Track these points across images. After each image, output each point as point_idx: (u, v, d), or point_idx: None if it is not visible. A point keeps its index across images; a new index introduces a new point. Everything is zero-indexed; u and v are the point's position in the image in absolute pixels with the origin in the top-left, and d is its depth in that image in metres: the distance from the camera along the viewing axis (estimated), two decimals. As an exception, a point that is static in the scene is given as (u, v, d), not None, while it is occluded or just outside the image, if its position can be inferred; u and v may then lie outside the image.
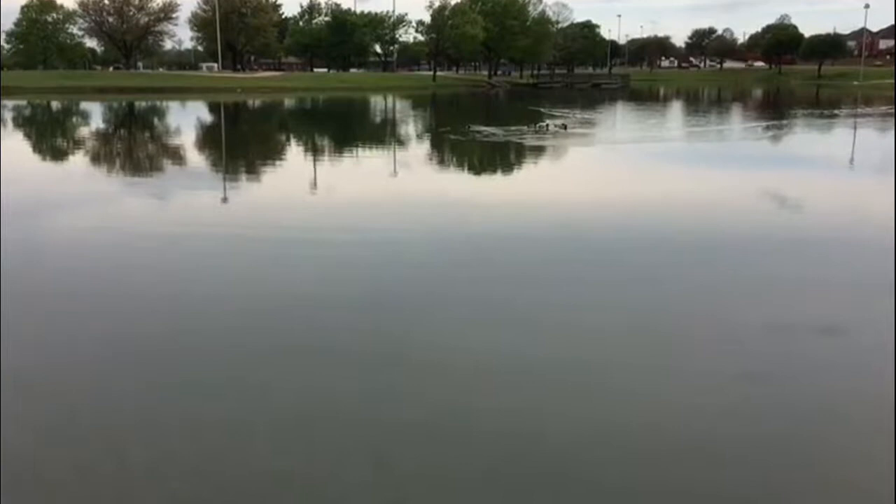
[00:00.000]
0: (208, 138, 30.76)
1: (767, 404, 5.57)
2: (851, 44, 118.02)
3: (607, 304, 7.79)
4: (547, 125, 29.75)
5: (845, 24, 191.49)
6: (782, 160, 22.59)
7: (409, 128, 37.56)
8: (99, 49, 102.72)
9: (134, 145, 28.38)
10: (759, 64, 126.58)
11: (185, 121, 41.00)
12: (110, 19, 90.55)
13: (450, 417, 5.34)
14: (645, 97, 68.70)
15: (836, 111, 45.61)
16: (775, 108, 50.86)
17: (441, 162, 22.33)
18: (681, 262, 9.59)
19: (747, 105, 55.68)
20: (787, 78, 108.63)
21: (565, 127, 29.32)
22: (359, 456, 4.76)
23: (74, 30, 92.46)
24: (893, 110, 40.71)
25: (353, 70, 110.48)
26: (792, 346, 6.70)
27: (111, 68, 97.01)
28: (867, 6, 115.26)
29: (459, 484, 4.50)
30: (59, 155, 25.20)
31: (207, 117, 45.53)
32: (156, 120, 43.75)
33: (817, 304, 7.82)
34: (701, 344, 6.74)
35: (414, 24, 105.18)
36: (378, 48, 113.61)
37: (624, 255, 9.98)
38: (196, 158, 23.55)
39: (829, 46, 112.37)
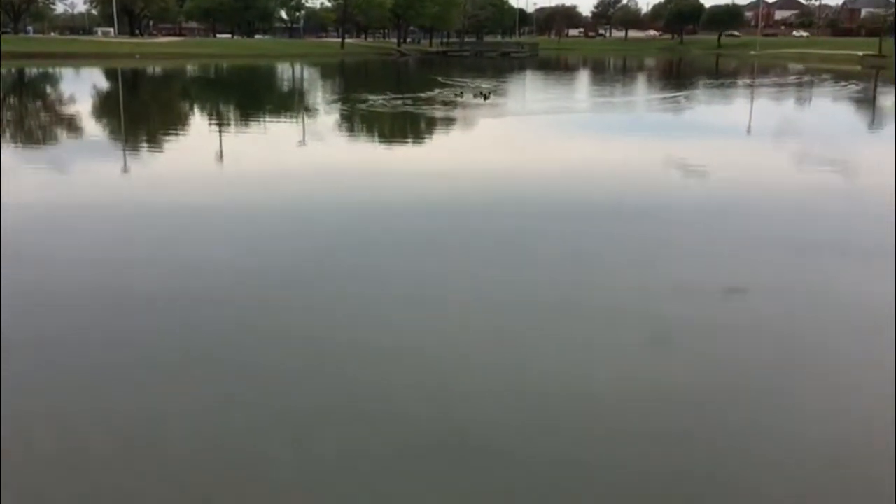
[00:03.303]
0: (105, 107, 29.40)
1: (672, 366, 5.72)
2: (749, 14, 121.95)
3: (516, 273, 7.84)
4: (462, 93, 29.66)
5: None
6: (686, 129, 23.26)
7: (318, 97, 36.85)
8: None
9: (24, 114, 26.86)
10: (652, 33, 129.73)
11: (80, 88, 39.05)
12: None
13: (368, 397, 5.27)
14: (553, 66, 69.43)
15: (734, 81, 47.18)
16: (678, 78, 52.24)
17: (351, 132, 22.00)
18: (589, 230, 9.75)
19: (651, 75, 56.97)
20: (689, 47, 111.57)
21: (486, 96, 29.13)
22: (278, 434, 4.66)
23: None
24: None
25: (258, 36, 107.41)
26: (699, 306, 6.91)
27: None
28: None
29: (377, 464, 4.45)
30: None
31: (104, 84, 43.50)
32: (48, 87, 41.52)
33: (722, 266, 8.07)
34: (612, 308, 6.87)
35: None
36: (284, 14, 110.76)
37: (530, 224, 10.05)
38: (93, 128, 22.46)
39: (728, 17, 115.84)
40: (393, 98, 28.84)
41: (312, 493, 4.19)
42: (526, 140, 19.55)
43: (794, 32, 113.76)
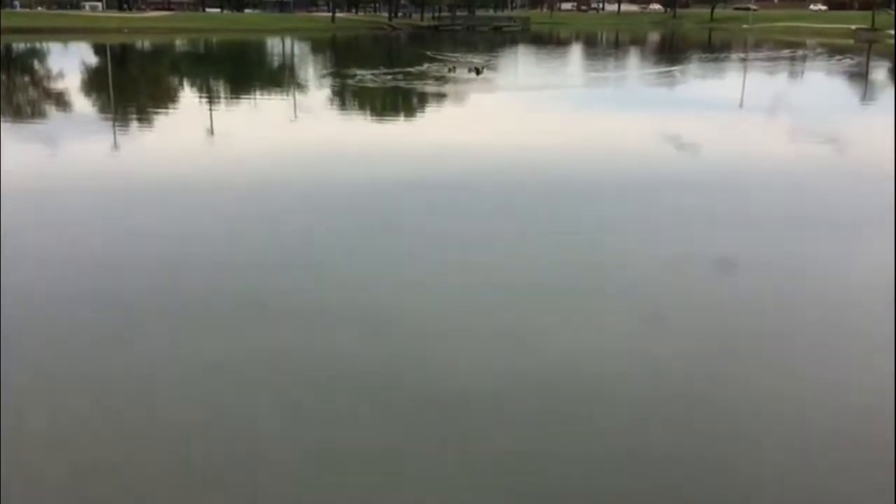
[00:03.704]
0: (95, 82, 29.10)
1: (666, 339, 5.75)
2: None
3: (513, 246, 7.85)
4: (454, 68, 29.47)
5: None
6: (679, 103, 23.19)
7: (309, 72, 36.54)
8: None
9: (13, 89, 26.58)
10: (657, 7, 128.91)
11: (69, 64, 38.61)
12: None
13: (360, 366, 5.29)
14: (546, 40, 68.98)
15: (728, 55, 46.97)
16: (671, 53, 51.99)
17: (343, 108, 21.87)
18: (581, 205, 9.76)
19: (645, 49, 56.67)
20: (682, 21, 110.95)
21: (478, 72, 28.77)
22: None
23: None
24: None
25: (247, 11, 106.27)
26: (692, 278, 6.95)
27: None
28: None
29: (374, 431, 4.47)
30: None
31: (93, 60, 43.03)
32: (36, 63, 41.06)
33: (714, 240, 8.10)
34: (608, 280, 6.92)
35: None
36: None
37: (525, 199, 10.05)
38: (82, 104, 22.26)
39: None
40: (385, 73, 28.59)
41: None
42: (519, 116, 19.48)
43: (812, 6, 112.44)
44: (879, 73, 36.06)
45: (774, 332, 5.94)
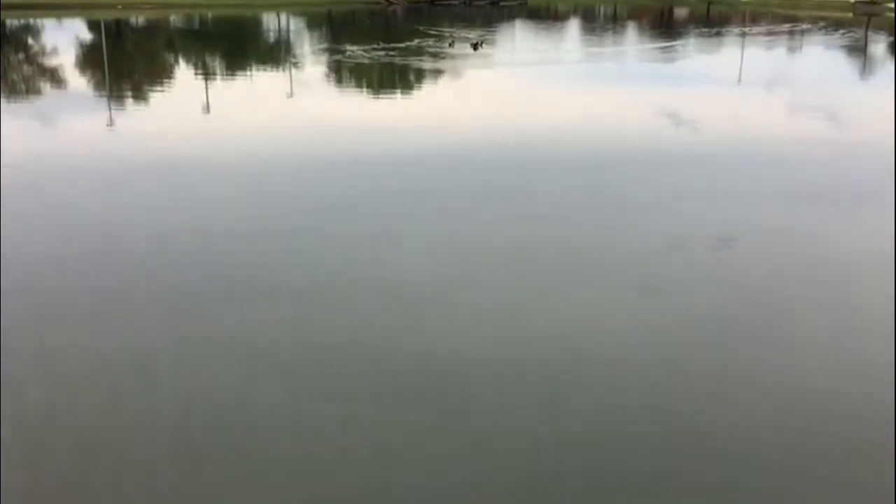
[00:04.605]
0: (90, 59, 28.87)
1: (664, 312, 5.78)
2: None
3: (510, 220, 7.86)
4: (452, 43, 29.28)
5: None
6: (677, 79, 23.08)
7: (305, 48, 36.25)
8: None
9: (7, 66, 26.37)
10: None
11: (63, 40, 38.30)
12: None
13: (350, 338, 5.31)
14: (544, 15, 68.46)
15: (727, 29, 46.66)
16: (669, 27, 51.66)
17: (339, 84, 21.74)
18: (581, 181, 9.74)
19: (642, 23, 56.29)
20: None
21: (475, 47, 28.53)
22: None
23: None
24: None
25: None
26: (690, 254, 6.97)
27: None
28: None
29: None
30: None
31: (87, 36, 42.67)
32: (30, 39, 40.72)
33: (712, 215, 8.11)
34: (604, 254, 6.93)
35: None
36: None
37: (523, 175, 10.04)
38: (77, 81, 22.10)
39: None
40: (382, 49, 28.36)
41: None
42: (517, 92, 19.38)
43: None
44: (879, 47, 35.86)
45: (773, 307, 5.96)
